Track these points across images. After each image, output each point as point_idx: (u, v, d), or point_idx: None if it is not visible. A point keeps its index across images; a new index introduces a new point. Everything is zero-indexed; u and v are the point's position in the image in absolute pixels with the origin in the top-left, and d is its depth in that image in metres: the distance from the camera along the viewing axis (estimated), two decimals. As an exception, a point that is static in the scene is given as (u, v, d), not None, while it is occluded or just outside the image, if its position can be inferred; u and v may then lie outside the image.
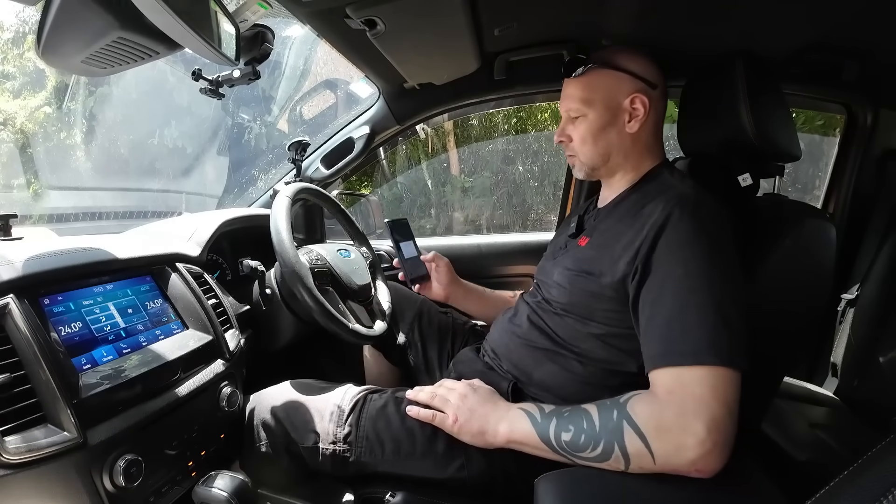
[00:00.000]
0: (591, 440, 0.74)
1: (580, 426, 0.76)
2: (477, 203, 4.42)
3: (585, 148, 1.02)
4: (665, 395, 0.73)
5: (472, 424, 0.86)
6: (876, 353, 1.39)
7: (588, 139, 1.01)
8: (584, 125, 1.01)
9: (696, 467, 0.70)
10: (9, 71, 5.18)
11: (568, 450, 0.77)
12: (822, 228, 0.98)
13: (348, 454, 0.94)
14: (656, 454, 0.70)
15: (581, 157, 1.04)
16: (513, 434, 0.82)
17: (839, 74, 1.38)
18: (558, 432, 0.77)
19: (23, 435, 0.66)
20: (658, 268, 0.81)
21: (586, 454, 0.75)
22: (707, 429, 0.68)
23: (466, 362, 1.12)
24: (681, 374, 0.73)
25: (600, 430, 0.74)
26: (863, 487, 0.38)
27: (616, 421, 0.73)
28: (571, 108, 1.03)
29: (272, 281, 1.24)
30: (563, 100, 1.05)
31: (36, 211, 3.82)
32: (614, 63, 0.99)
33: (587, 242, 0.99)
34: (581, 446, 0.75)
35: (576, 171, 1.08)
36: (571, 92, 1.03)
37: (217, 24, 0.79)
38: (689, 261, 0.78)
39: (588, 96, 1.00)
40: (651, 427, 0.71)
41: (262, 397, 1.05)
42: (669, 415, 0.71)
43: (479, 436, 0.85)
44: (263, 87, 3.49)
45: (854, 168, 1.65)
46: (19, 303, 0.72)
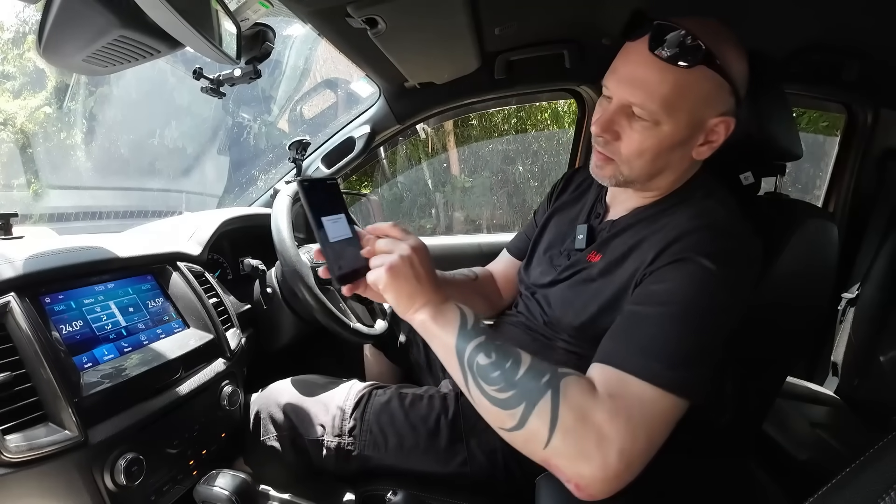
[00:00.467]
0: (503, 382, 0.63)
1: (502, 363, 0.64)
2: (477, 203, 4.42)
3: (638, 162, 0.78)
4: (606, 395, 0.62)
5: (401, 285, 0.68)
6: (876, 352, 1.39)
7: (647, 154, 0.77)
8: (649, 134, 0.76)
9: (579, 484, 0.60)
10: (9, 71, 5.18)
11: (474, 372, 0.65)
12: (825, 228, 0.98)
13: (352, 448, 0.94)
14: (552, 445, 0.60)
15: (624, 167, 0.80)
16: (431, 322, 0.69)
17: (839, 74, 1.38)
18: (477, 352, 0.66)
19: (24, 433, 0.66)
20: (660, 284, 0.71)
21: (491, 389, 0.64)
22: (620, 457, 0.58)
23: None
24: (630, 384, 0.63)
25: (519, 380, 0.63)
26: (864, 486, 0.38)
27: (541, 385, 0.62)
28: (641, 103, 0.74)
29: (273, 280, 1.24)
30: (628, 83, 0.75)
31: (36, 210, 3.82)
32: (724, 63, 0.73)
33: (600, 259, 0.86)
34: (490, 379, 0.64)
35: (601, 175, 0.84)
36: (651, 78, 0.73)
37: (218, 22, 0.79)
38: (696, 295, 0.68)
39: (675, 101, 0.73)
40: (570, 417, 0.60)
41: (269, 392, 1.06)
42: (597, 417, 0.60)
43: (402, 300, 0.70)
44: (264, 86, 3.49)
45: (854, 167, 1.65)
46: (20, 301, 0.72)
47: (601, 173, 0.84)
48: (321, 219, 0.73)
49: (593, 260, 0.87)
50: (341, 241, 0.74)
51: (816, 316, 1.06)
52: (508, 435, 0.64)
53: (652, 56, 0.72)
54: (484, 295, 1.16)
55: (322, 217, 0.73)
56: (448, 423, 0.94)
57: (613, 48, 0.84)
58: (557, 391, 0.62)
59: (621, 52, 0.80)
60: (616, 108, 0.77)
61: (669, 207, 0.83)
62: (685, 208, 0.80)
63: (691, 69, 0.71)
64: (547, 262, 0.99)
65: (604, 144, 0.80)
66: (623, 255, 0.81)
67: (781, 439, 1.29)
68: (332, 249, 0.72)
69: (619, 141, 0.79)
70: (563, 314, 0.88)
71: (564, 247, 0.97)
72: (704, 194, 0.82)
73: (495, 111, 4.05)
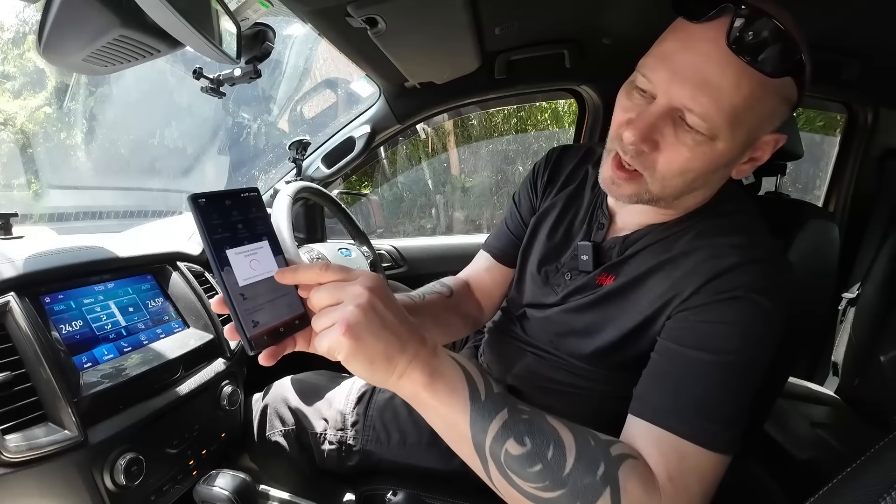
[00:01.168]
0: (550, 479, 0.50)
1: (542, 451, 0.51)
2: (477, 203, 4.42)
3: (675, 181, 0.64)
4: (666, 479, 0.54)
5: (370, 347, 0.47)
6: (876, 351, 1.39)
7: (691, 174, 0.63)
8: (701, 151, 0.61)
9: None
10: (9, 71, 5.18)
11: (502, 464, 0.51)
12: (826, 228, 0.98)
13: (354, 443, 0.94)
14: None
15: (655, 185, 0.65)
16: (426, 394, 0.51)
17: (839, 74, 1.37)
18: (503, 437, 0.51)
19: (23, 433, 0.66)
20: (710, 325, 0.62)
21: (526, 487, 0.51)
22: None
23: None
24: (687, 453, 0.55)
25: (569, 475, 0.51)
26: (864, 486, 0.38)
27: (598, 481, 0.51)
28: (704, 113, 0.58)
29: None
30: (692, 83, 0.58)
31: (36, 210, 3.82)
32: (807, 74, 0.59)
33: (613, 282, 0.74)
34: (530, 474, 0.51)
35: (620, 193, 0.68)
36: (725, 83, 0.57)
37: (218, 22, 0.79)
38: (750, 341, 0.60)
39: (743, 115, 0.58)
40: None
41: (276, 388, 1.06)
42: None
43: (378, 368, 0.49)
44: (264, 86, 3.49)
45: (854, 167, 1.65)
46: (20, 301, 0.72)
47: (620, 191, 0.68)
48: (225, 252, 0.49)
49: (605, 283, 0.75)
50: (260, 283, 0.50)
51: (817, 316, 1.06)
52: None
53: (729, 52, 0.55)
54: (462, 314, 0.99)
55: (227, 249, 0.49)
56: None
57: (614, 48, 0.84)
58: (617, 489, 0.51)
59: (675, 33, 0.62)
60: (663, 111, 0.60)
61: (698, 224, 0.71)
62: (719, 230, 0.68)
63: (773, 79, 0.56)
64: (542, 281, 0.86)
65: (635, 156, 0.63)
66: (641, 276, 0.71)
67: (782, 439, 1.29)
68: (241, 298, 0.48)
69: (657, 153, 0.62)
70: (573, 341, 0.78)
71: (562, 263, 0.84)
72: (737, 210, 0.72)
73: (495, 111, 4.05)
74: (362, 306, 0.47)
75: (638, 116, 0.62)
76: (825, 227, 0.98)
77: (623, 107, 0.66)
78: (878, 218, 1.61)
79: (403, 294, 0.94)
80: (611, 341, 0.72)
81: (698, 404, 0.57)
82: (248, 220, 0.52)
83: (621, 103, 0.67)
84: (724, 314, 0.61)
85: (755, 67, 0.55)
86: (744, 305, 0.61)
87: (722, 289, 0.62)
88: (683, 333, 0.63)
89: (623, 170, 0.66)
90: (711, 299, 0.62)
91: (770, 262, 0.64)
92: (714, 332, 0.61)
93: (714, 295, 0.62)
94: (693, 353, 0.61)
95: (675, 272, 0.67)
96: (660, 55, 0.62)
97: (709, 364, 0.59)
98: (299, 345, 0.54)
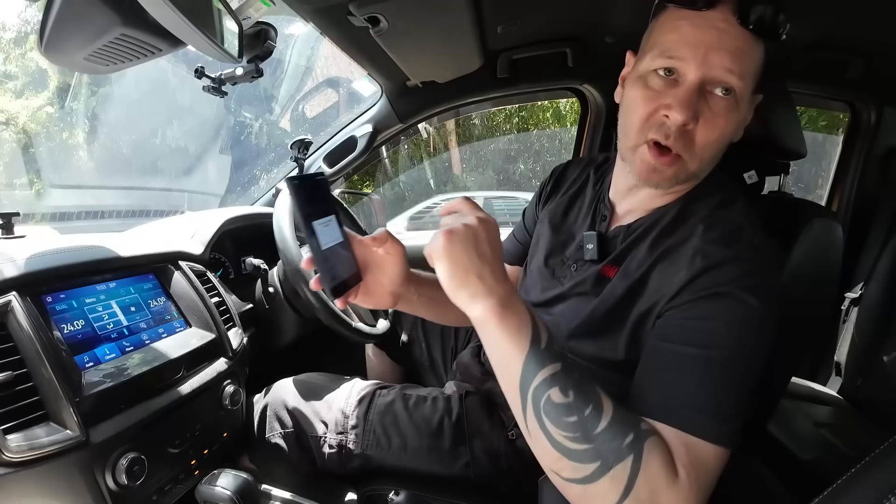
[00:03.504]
0: (579, 432, 0.53)
1: (582, 407, 0.54)
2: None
3: (710, 152, 0.69)
4: (681, 466, 0.55)
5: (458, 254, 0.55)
6: (880, 351, 1.39)
7: (723, 141, 0.69)
8: (731, 117, 0.67)
9: None
10: (11, 71, 5.19)
11: (540, 408, 0.54)
12: (829, 228, 0.97)
13: (354, 446, 0.94)
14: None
15: (693, 163, 0.69)
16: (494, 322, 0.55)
17: (843, 72, 1.37)
18: (549, 385, 0.54)
19: (25, 433, 0.66)
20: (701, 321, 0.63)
21: (555, 434, 0.54)
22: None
23: (466, 366, 1.10)
24: (697, 450, 0.56)
25: (599, 434, 0.53)
26: (869, 487, 0.38)
27: (624, 448, 0.53)
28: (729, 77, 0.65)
29: (275, 279, 1.24)
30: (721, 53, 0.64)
31: (38, 210, 3.82)
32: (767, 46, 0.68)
33: (615, 274, 0.75)
34: (562, 424, 0.54)
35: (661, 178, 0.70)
36: (745, 49, 0.65)
37: (220, 21, 0.79)
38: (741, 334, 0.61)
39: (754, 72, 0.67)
40: (645, 490, 0.53)
41: (276, 389, 1.06)
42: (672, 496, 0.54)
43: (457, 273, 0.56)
44: (266, 85, 3.49)
45: (858, 166, 1.65)
46: (22, 301, 0.72)
47: (660, 177, 0.70)
48: (313, 224, 0.64)
49: (609, 274, 0.76)
50: (334, 247, 0.66)
51: (820, 316, 1.06)
52: (562, 482, 0.56)
53: (740, 26, 0.64)
54: None
55: (314, 222, 0.64)
56: (452, 425, 0.93)
57: (617, 46, 0.84)
58: (640, 459, 0.53)
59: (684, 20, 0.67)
60: (696, 85, 0.65)
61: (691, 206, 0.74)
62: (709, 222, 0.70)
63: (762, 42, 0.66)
64: (549, 274, 0.88)
65: (680, 136, 0.66)
66: (644, 265, 0.72)
67: (786, 439, 1.28)
68: (324, 258, 0.64)
69: (695, 128, 0.66)
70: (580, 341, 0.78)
71: (568, 256, 0.86)
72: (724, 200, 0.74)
73: (497, 110, 4.05)
74: (469, 226, 0.56)
75: (675, 96, 0.65)
76: (829, 226, 0.97)
77: (646, 96, 0.69)
78: (882, 217, 1.61)
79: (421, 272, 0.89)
80: (615, 335, 0.73)
81: (688, 398, 0.59)
82: (323, 199, 0.67)
83: (641, 93, 0.69)
84: (709, 310, 0.63)
85: (760, 35, 0.64)
86: (729, 302, 0.62)
87: (706, 285, 0.63)
88: (670, 331, 0.65)
89: (665, 155, 0.68)
90: (696, 296, 0.64)
91: (756, 260, 0.65)
92: (699, 327, 0.62)
93: (699, 292, 0.64)
94: (680, 349, 0.62)
95: (667, 269, 0.69)
96: (680, 36, 0.66)
97: (695, 359, 0.61)
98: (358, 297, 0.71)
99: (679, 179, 0.70)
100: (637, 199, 0.79)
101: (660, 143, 0.67)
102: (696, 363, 0.60)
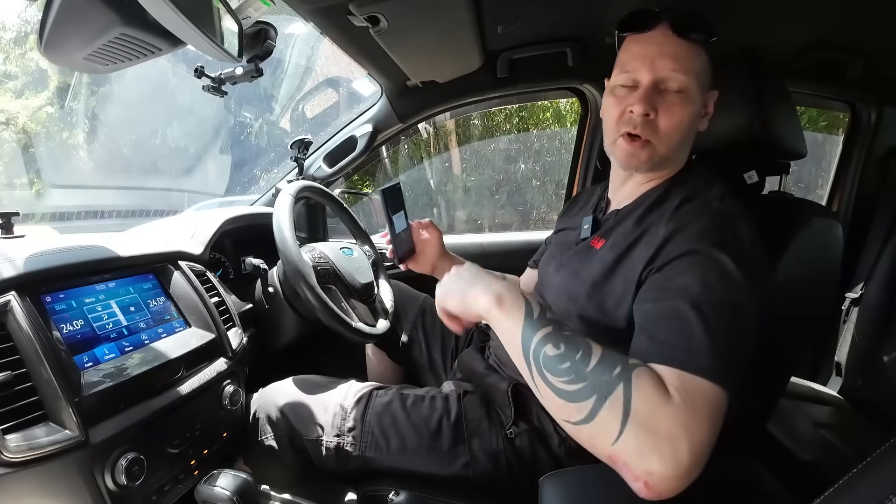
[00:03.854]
0: (573, 374, 0.61)
1: (572, 354, 0.62)
2: (479, 202, 4.42)
3: (675, 136, 0.83)
4: (673, 389, 0.59)
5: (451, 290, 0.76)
6: (880, 352, 1.39)
7: (684, 125, 0.82)
8: (685, 106, 0.82)
9: (648, 482, 0.57)
10: (11, 71, 5.19)
11: (540, 364, 0.63)
12: (830, 227, 0.97)
13: (352, 448, 0.94)
14: (623, 440, 0.57)
15: (662, 146, 0.83)
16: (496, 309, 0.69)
17: (843, 72, 1.37)
18: (544, 343, 0.64)
19: (24, 433, 0.66)
20: (679, 277, 0.70)
21: (555, 382, 0.62)
22: (690, 451, 0.56)
23: (469, 362, 1.11)
24: (686, 381, 0.61)
25: (590, 372, 0.60)
26: (869, 488, 0.38)
27: (613, 377, 0.59)
28: (681, 77, 0.81)
29: (275, 279, 1.23)
30: (663, 58, 0.81)
31: (38, 209, 3.82)
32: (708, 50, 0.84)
33: (603, 245, 0.87)
34: (558, 371, 0.62)
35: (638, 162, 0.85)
36: (682, 53, 0.81)
37: (219, 20, 0.79)
38: (714, 285, 0.68)
39: (699, 74, 0.82)
40: (643, 410, 0.57)
41: (267, 392, 1.06)
42: (669, 410, 0.57)
43: (462, 298, 0.73)
44: (265, 85, 3.49)
45: (858, 166, 1.65)
46: (21, 300, 0.72)
47: (637, 160, 0.85)
48: (392, 217, 1.06)
49: (596, 246, 0.88)
50: (401, 232, 1.11)
51: (821, 315, 1.06)
52: (574, 428, 0.61)
53: (675, 37, 0.81)
54: None
55: (393, 215, 1.06)
56: (450, 425, 0.94)
57: (617, 46, 0.84)
58: (630, 383, 0.59)
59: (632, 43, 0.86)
60: (650, 85, 0.82)
61: (668, 192, 0.86)
62: (686, 197, 0.82)
63: (702, 45, 0.82)
64: (553, 259, 1.01)
65: (644, 124, 0.82)
66: (629, 238, 0.82)
67: (785, 439, 1.28)
68: (397, 238, 1.09)
69: (657, 117, 0.82)
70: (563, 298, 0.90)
71: (571, 240, 1.00)
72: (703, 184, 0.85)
73: (497, 110, 4.05)
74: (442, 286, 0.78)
75: (636, 96, 0.82)
76: (828, 225, 0.97)
77: (614, 101, 0.86)
78: (882, 217, 1.61)
79: None
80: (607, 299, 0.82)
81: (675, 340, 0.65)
82: (399, 198, 1.09)
83: (611, 101, 0.87)
84: (682, 268, 0.71)
85: (694, 40, 0.81)
86: (699, 258, 0.70)
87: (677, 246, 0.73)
88: (651, 293, 0.73)
89: (636, 141, 0.83)
90: (671, 257, 0.73)
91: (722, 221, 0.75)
92: (677, 285, 0.70)
93: (672, 252, 0.73)
94: (662, 305, 0.70)
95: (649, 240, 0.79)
96: (630, 54, 0.85)
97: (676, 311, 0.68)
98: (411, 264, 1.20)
99: (654, 161, 0.84)
100: (627, 189, 0.92)
101: (631, 133, 0.83)
102: (678, 314, 0.67)
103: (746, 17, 1.12)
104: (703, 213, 0.76)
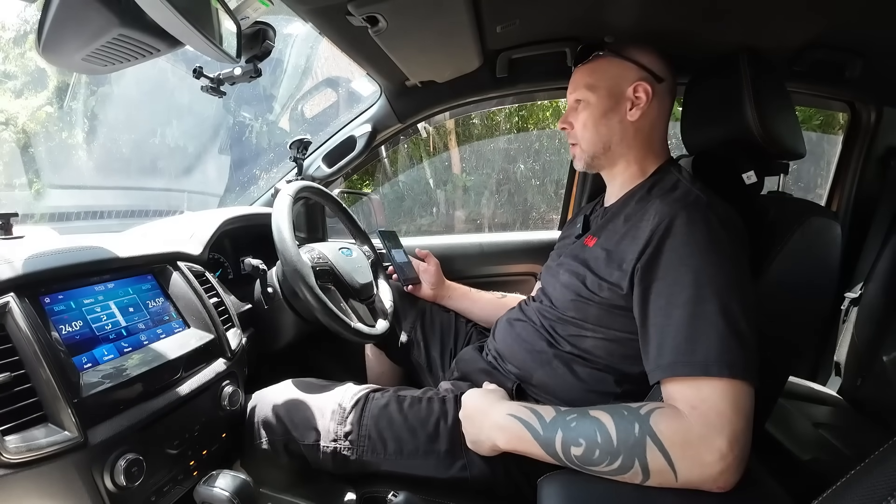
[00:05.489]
0: (608, 455, 0.69)
1: (593, 439, 0.70)
2: (478, 202, 4.41)
3: (587, 134, 1.02)
4: (688, 409, 0.69)
5: (468, 432, 0.87)
6: (879, 352, 1.39)
7: (589, 125, 1.01)
8: (586, 111, 1.01)
9: (718, 484, 0.67)
10: (10, 71, 5.18)
11: (578, 463, 0.72)
12: (828, 227, 0.97)
13: (349, 452, 0.94)
14: (679, 471, 0.67)
15: (582, 143, 1.03)
16: (510, 445, 0.79)
17: (843, 72, 1.37)
18: (567, 445, 0.72)
19: (23, 434, 0.66)
20: (666, 273, 0.78)
21: (601, 468, 0.70)
22: (729, 444, 0.65)
23: (469, 361, 1.11)
24: (699, 387, 0.69)
25: (619, 444, 0.69)
26: (868, 489, 0.38)
27: (638, 436, 0.68)
28: (576, 94, 1.03)
29: (274, 280, 1.23)
30: (570, 88, 1.06)
31: (37, 210, 3.81)
32: (622, 53, 1.00)
33: (595, 243, 0.96)
34: (595, 461, 0.70)
35: (576, 161, 1.07)
36: (577, 79, 1.04)
37: (218, 21, 0.79)
38: (699, 269, 0.75)
39: (593, 82, 1.01)
40: (676, 444, 0.67)
41: (262, 395, 1.05)
42: (694, 432, 0.67)
43: (476, 445, 0.86)
44: (265, 85, 3.49)
45: (857, 166, 1.65)
46: (20, 301, 0.72)
47: (577, 159, 1.06)
48: (391, 250, 1.46)
49: (589, 244, 0.98)
50: (404, 262, 1.46)
51: (820, 315, 1.06)
52: (645, 485, 0.69)
53: (578, 67, 1.06)
54: None
55: (392, 250, 1.46)
56: (447, 428, 0.93)
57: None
58: (654, 433, 0.68)
59: None
60: (569, 107, 1.06)
61: (647, 189, 0.98)
62: (662, 190, 0.94)
63: (597, 61, 1.02)
64: (556, 256, 1.12)
65: (569, 135, 1.06)
66: (615, 238, 0.91)
67: (784, 439, 1.28)
68: (399, 267, 1.44)
69: (574, 128, 1.04)
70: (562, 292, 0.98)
71: (569, 239, 1.12)
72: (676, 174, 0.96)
73: (497, 110, 4.05)
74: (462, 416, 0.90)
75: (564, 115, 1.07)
76: (827, 224, 0.97)
77: None
78: (882, 217, 1.61)
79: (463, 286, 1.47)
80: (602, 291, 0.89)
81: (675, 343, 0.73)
82: (393, 239, 1.51)
83: None
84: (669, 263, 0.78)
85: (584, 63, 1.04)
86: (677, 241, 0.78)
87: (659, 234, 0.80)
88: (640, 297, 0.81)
89: (573, 147, 1.07)
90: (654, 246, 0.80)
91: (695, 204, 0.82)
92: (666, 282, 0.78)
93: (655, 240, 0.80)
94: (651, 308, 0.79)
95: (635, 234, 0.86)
96: None
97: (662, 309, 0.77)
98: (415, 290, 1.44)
99: (585, 158, 1.04)
100: (613, 189, 1.07)
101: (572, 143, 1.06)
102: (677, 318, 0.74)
103: (744, 16, 1.11)
104: (680, 200, 0.84)
